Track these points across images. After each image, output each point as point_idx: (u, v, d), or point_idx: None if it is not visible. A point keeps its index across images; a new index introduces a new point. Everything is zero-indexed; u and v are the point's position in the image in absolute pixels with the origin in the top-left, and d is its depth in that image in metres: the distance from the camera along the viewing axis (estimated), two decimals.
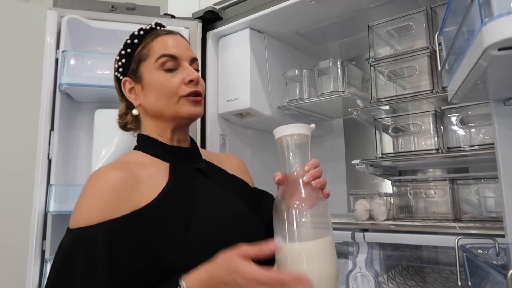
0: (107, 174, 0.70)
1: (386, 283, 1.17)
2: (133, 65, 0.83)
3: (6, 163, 1.74)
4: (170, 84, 0.78)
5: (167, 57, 0.79)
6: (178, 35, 0.86)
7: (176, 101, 0.79)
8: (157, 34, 0.83)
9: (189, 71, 0.80)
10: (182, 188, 0.75)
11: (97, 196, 0.67)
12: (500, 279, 0.50)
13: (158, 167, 0.77)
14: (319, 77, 1.39)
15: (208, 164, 0.86)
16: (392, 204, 1.17)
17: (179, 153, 0.82)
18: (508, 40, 0.46)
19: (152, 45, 0.81)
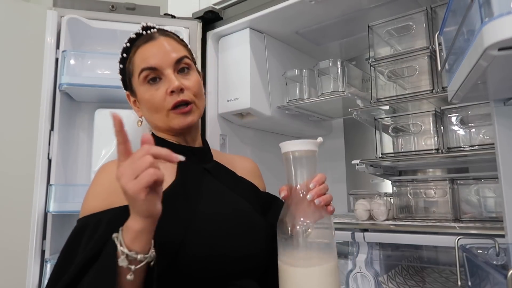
0: (112, 167, 0.72)
1: (386, 283, 1.17)
2: (127, 81, 0.84)
3: (6, 163, 1.74)
4: (155, 99, 0.78)
5: (147, 71, 0.78)
6: (160, 38, 0.81)
7: (165, 115, 0.79)
8: (138, 45, 0.81)
9: (170, 81, 0.77)
10: (188, 186, 0.76)
11: (102, 186, 0.71)
12: (500, 279, 0.50)
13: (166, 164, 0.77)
14: (319, 77, 1.38)
15: (217, 165, 0.86)
16: (392, 204, 1.17)
17: (187, 152, 0.81)
18: (508, 40, 0.46)
19: (134, 59, 0.81)
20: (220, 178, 0.83)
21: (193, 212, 0.72)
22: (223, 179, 0.83)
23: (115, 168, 0.69)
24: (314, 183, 0.67)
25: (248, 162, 0.98)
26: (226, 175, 0.85)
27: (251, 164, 0.97)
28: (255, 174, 0.95)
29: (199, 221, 0.71)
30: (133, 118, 1.22)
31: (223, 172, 0.86)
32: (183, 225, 0.70)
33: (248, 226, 0.77)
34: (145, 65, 0.78)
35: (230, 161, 0.91)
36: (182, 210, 0.72)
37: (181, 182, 0.75)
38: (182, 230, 0.69)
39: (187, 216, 0.71)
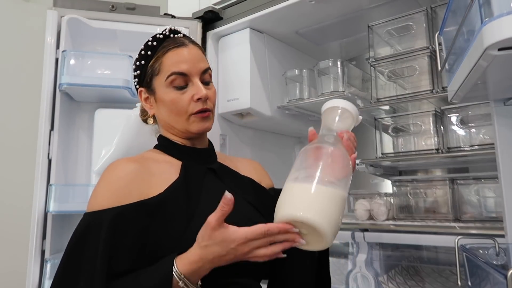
0: (121, 164, 0.76)
1: (386, 283, 1.17)
2: (147, 78, 0.84)
3: (6, 163, 1.74)
4: (179, 103, 0.80)
5: (177, 75, 0.80)
6: (190, 45, 0.85)
7: (186, 118, 0.81)
8: (169, 48, 0.83)
9: (198, 89, 0.81)
10: (190, 185, 0.77)
11: (109, 183, 0.73)
12: (500, 279, 0.50)
13: (171, 164, 0.81)
14: (319, 77, 1.38)
15: (221, 166, 0.88)
16: (392, 204, 1.17)
17: (192, 153, 0.85)
18: (508, 40, 0.46)
19: (163, 60, 0.82)
20: (223, 179, 0.84)
21: (194, 210, 0.73)
22: (226, 180, 0.84)
23: (125, 166, 0.76)
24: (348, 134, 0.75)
25: (250, 162, 1.00)
26: (229, 176, 0.87)
27: (254, 163, 0.99)
28: (259, 172, 0.96)
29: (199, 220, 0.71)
30: (133, 118, 1.22)
31: (227, 173, 0.87)
32: (183, 224, 0.71)
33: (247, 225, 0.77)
34: (176, 69, 0.80)
35: (233, 163, 0.93)
36: (182, 208, 0.73)
37: (183, 180, 0.77)
38: (181, 228, 0.70)
39: (187, 214, 0.72)
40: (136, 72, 0.87)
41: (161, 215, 0.71)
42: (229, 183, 0.84)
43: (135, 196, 0.71)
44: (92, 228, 0.68)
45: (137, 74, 0.87)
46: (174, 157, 0.83)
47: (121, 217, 0.68)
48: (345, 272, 1.18)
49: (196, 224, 0.70)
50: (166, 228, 0.71)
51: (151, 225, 0.70)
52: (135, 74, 0.87)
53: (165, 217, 0.71)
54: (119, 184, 0.73)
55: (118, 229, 0.67)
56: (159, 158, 0.83)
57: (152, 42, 0.84)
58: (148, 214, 0.70)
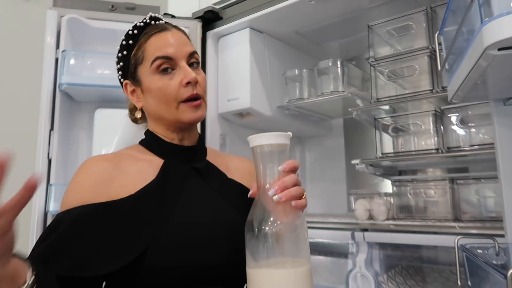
0: (92, 163, 0.73)
1: (386, 283, 1.17)
2: (131, 69, 0.80)
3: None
4: (168, 89, 0.75)
5: (162, 59, 0.75)
6: (173, 29, 0.80)
7: (176, 107, 0.76)
8: (150, 34, 0.78)
9: (186, 72, 0.76)
10: (167, 188, 0.73)
11: (77, 182, 0.70)
12: (500, 279, 0.50)
13: (151, 162, 0.76)
14: (319, 77, 1.38)
15: (208, 165, 0.82)
16: (392, 204, 1.17)
17: (176, 151, 0.79)
18: (508, 40, 0.46)
19: (146, 46, 0.77)
20: (208, 179, 0.79)
21: (168, 215, 0.69)
22: (211, 181, 0.79)
23: (96, 164, 0.73)
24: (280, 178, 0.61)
25: (244, 162, 0.93)
26: (215, 177, 0.81)
27: (248, 164, 0.92)
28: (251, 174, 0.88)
29: (169, 226, 0.68)
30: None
31: (213, 173, 0.82)
32: (156, 227, 0.67)
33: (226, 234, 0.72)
34: (161, 53, 0.75)
35: (225, 161, 0.88)
36: (154, 213, 0.68)
37: (159, 182, 0.72)
38: (147, 236, 0.66)
39: (159, 219, 0.68)
40: (119, 64, 0.82)
41: (130, 218, 0.67)
42: (213, 185, 0.79)
43: (103, 196, 0.67)
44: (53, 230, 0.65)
45: (120, 66, 0.82)
46: (156, 154, 0.78)
47: (81, 219, 0.65)
48: (345, 272, 1.18)
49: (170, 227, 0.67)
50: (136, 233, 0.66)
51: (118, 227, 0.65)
52: (118, 67, 0.82)
53: (135, 221, 0.67)
54: (87, 183, 0.69)
55: (77, 231, 0.64)
56: (139, 156, 0.78)
57: (133, 30, 0.80)
58: (114, 215, 0.66)
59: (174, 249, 0.66)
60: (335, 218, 1.26)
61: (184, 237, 0.68)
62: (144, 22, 0.81)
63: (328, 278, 1.31)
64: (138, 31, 0.80)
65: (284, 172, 0.62)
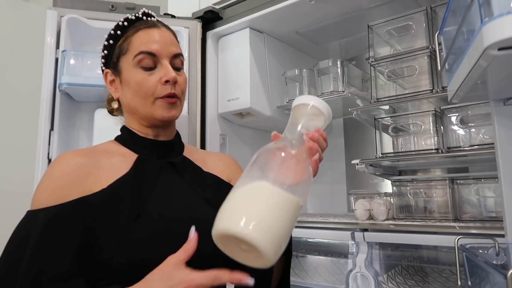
0: (66, 158, 0.71)
1: (386, 283, 1.17)
2: (114, 58, 0.80)
3: (6, 163, 1.74)
4: (146, 84, 0.76)
5: (145, 54, 0.76)
6: (162, 28, 0.81)
7: (152, 102, 0.76)
8: (139, 28, 0.79)
9: (167, 71, 0.76)
10: (140, 181, 0.72)
11: (51, 179, 0.68)
12: (500, 279, 0.50)
13: (125, 157, 0.76)
14: (319, 77, 1.39)
15: (184, 160, 0.82)
16: (392, 204, 1.17)
17: (151, 146, 0.79)
18: (508, 40, 0.46)
19: (132, 39, 0.78)
20: (183, 174, 0.78)
21: (141, 208, 0.69)
22: (186, 176, 0.79)
23: (69, 159, 0.71)
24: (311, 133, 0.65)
25: (223, 156, 0.93)
26: (191, 171, 0.81)
27: (226, 158, 0.93)
28: (231, 167, 0.90)
29: (146, 218, 0.68)
30: None
31: (188, 168, 0.81)
32: (125, 222, 0.66)
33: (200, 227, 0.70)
34: (145, 48, 0.76)
35: (202, 157, 0.87)
36: (126, 206, 0.68)
37: (132, 176, 0.72)
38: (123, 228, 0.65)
39: (132, 212, 0.67)
40: (103, 52, 0.82)
41: (103, 212, 0.66)
42: (188, 179, 0.78)
43: (78, 193, 0.66)
44: (27, 229, 0.64)
45: (105, 54, 0.81)
46: (130, 149, 0.78)
47: (57, 218, 0.63)
48: (345, 272, 1.18)
49: (142, 221, 0.67)
50: (108, 227, 0.65)
51: (91, 222, 0.64)
52: (102, 54, 0.82)
53: (107, 215, 0.66)
54: (60, 179, 0.67)
55: (53, 231, 0.63)
56: (113, 150, 0.77)
57: (123, 22, 0.80)
58: (88, 211, 0.65)
59: (147, 243, 0.65)
60: (335, 218, 1.26)
61: (158, 230, 0.67)
62: (136, 16, 0.82)
63: (328, 278, 1.31)
64: (128, 24, 0.81)
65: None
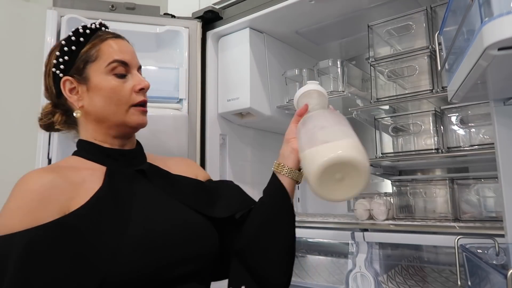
0: (34, 176, 0.67)
1: (386, 283, 1.17)
2: (79, 65, 0.78)
3: (6, 163, 1.74)
4: (121, 92, 0.77)
5: (119, 63, 0.78)
6: (125, 41, 0.84)
7: (125, 110, 0.78)
8: (106, 37, 0.81)
9: (140, 79, 0.80)
10: (117, 192, 0.72)
11: (21, 200, 0.63)
12: (500, 279, 0.50)
13: (93, 171, 0.74)
14: (319, 77, 1.38)
15: (152, 167, 0.82)
16: (392, 204, 1.17)
17: (117, 156, 0.79)
18: (508, 40, 0.46)
19: (102, 47, 0.79)
20: (154, 180, 0.79)
21: (127, 217, 0.68)
22: (157, 182, 0.79)
23: (38, 177, 0.67)
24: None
25: (182, 159, 0.96)
26: (160, 176, 0.82)
27: (186, 160, 0.97)
28: (193, 167, 0.93)
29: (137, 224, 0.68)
30: None
31: (157, 173, 0.82)
32: (116, 232, 0.65)
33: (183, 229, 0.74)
34: (119, 57, 0.78)
35: (164, 162, 0.88)
36: (112, 217, 0.67)
37: (108, 187, 0.71)
38: (116, 237, 0.64)
39: (119, 222, 0.67)
40: (62, 58, 0.79)
41: (87, 229, 0.63)
42: (160, 184, 0.79)
43: (54, 212, 0.62)
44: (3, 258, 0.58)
45: (64, 60, 0.78)
46: (96, 162, 0.76)
47: (36, 243, 0.59)
48: (344, 272, 1.18)
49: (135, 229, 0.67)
50: (97, 244, 0.63)
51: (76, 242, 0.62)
52: (61, 60, 0.79)
53: (92, 231, 0.64)
54: (32, 199, 0.62)
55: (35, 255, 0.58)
56: (78, 165, 0.75)
57: (83, 29, 0.80)
58: (70, 231, 0.62)
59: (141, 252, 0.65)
60: (335, 218, 1.26)
61: (148, 238, 0.68)
62: (95, 26, 0.83)
63: (328, 278, 1.31)
64: (91, 32, 0.81)
65: None
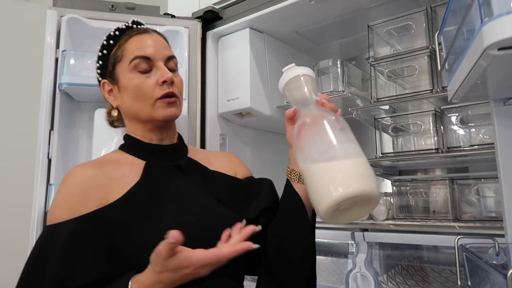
0: (77, 171, 0.73)
1: (386, 283, 1.17)
2: (109, 67, 0.82)
3: (6, 163, 1.74)
4: (144, 87, 0.78)
5: (140, 59, 0.78)
6: (153, 33, 0.83)
7: (151, 104, 0.78)
8: (131, 34, 0.81)
9: (163, 72, 0.78)
10: (152, 186, 0.74)
11: (66, 193, 0.71)
12: (500, 279, 0.50)
13: (134, 165, 0.77)
14: (318, 77, 1.38)
15: (191, 162, 0.83)
16: (391, 204, 1.17)
17: (156, 151, 0.81)
18: (508, 39, 0.46)
19: (126, 46, 0.80)
20: (191, 176, 0.80)
21: (159, 212, 0.71)
22: (194, 176, 0.80)
23: (80, 172, 0.73)
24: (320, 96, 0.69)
25: (225, 154, 0.95)
26: (197, 171, 0.82)
27: (229, 155, 0.94)
28: (234, 163, 0.91)
29: (166, 220, 0.70)
30: None
31: (195, 168, 0.82)
32: (147, 228, 0.68)
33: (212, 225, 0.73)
34: (140, 53, 0.78)
35: (206, 155, 0.88)
36: (144, 212, 0.70)
37: (144, 183, 0.74)
38: (146, 233, 0.67)
39: (151, 217, 0.70)
40: (98, 63, 0.84)
41: (121, 221, 0.68)
42: (196, 179, 0.80)
43: (93, 205, 0.68)
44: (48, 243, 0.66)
45: (100, 65, 0.84)
46: (137, 157, 0.79)
47: (77, 232, 0.65)
48: (344, 272, 1.18)
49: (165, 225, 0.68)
50: (129, 234, 0.67)
51: (111, 232, 0.67)
52: (98, 65, 0.84)
53: (126, 223, 0.68)
54: (74, 193, 0.70)
55: (75, 243, 0.65)
56: (121, 160, 0.79)
57: (114, 32, 0.83)
58: (106, 222, 0.67)
59: None
60: None
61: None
62: (126, 25, 0.84)
63: (328, 278, 1.31)
64: (120, 33, 0.83)
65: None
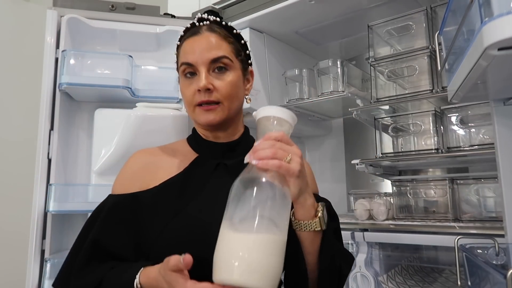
0: (134, 156, 0.83)
1: (385, 283, 1.17)
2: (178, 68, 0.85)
3: (6, 163, 1.74)
4: (186, 92, 0.81)
5: (186, 65, 0.80)
6: (204, 34, 0.81)
7: (192, 109, 0.81)
8: (185, 38, 0.83)
9: (199, 80, 0.77)
10: (189, 181, 0.77)
11: (121, 172, 0.81)
12: (500, 279, 0.50)
13: (186, 157, 0.82)
14: (319, 77, 1.38)
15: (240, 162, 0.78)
16: (392, 204, 1.17)
17: (210, 147, 0.83)
18: (508, 40, 0.46)
19: (179, 51, 0.84)
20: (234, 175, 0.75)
21: (182, 208, 0.74)
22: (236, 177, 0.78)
23: (137, 157, 0.82)
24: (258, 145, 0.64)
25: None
26: None
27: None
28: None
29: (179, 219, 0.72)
30: (133, 118, 1.22)
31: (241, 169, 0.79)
32: (166, 220, 0.72)
33: None
34: (184, 60, 0.80)
35: None
36: (170, 205, 0.74)
37: (182, 176, 0.78)
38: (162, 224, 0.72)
39: (174, 211, 0.73)
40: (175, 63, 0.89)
41: (150, 208, 0.74)
42: None
43: (137, 187, 0.76)
44: (99, 209, 0.77)
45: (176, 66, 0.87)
46: (194, 149, 0.84)
47: (116, 205, 0.75)
48: None
49: (178, 222, 0.72)
50: (152, 222, 0.73)
51: (141, 217, 0.73)
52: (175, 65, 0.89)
53: (153, 211, 0.74)
54: (127, 173, 0.80)
55: (113, 215, 0.74)
56: (178, 149, 0.85)
57: (183, 31, 0.85)
58: (139, 206, 0.74)
59: (178, 242, 0.70)
60: None
61: (192, 230, 0.72)
62: (193, 23, 0.84)
63: None
64: (184, 32, 0.85)
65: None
